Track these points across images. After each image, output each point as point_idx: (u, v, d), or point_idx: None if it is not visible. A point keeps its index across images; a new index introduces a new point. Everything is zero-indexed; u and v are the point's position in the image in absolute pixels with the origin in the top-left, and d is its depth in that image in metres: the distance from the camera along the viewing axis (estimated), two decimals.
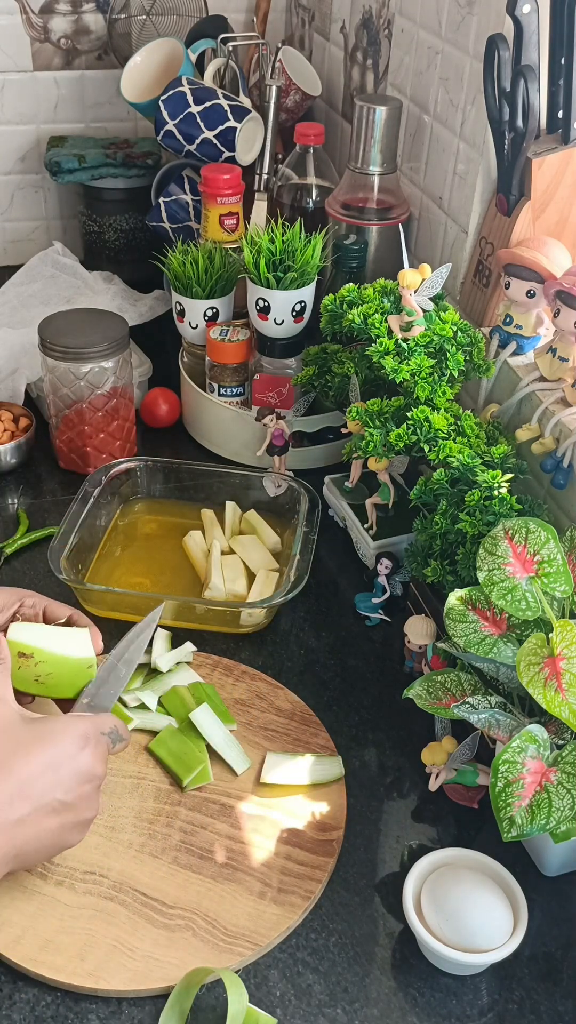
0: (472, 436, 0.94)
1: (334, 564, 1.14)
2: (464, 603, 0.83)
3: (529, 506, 0.92)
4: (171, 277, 1.24)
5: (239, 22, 1.66)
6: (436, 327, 0.98)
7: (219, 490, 1.18)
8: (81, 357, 1.16)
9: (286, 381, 1.20)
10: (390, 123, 1.22)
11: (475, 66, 1.08)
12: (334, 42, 1.53)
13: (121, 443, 1.25)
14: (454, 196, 1.17)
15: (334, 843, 0.84)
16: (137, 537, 1.16)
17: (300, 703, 0.96)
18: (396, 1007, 0.74)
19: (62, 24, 1.61)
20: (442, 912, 0.75)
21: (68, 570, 1.01)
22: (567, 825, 0.71)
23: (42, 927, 0.77)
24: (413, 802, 0.89)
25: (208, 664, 0.99)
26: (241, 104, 1.38)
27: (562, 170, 1.01)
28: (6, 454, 1.23)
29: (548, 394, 0.97)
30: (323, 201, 1.33)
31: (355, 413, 0.99)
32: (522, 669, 0.75)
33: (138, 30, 1.63)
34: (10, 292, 1.51)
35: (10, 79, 1.63)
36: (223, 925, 0.77)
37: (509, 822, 0.71)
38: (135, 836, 0.84)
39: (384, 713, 0.97)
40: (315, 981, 0.75)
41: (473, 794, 0.88)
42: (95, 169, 1.56)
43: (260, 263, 1.14)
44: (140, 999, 0.74)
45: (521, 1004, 0.75)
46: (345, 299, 1.06)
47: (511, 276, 0.99)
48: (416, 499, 0.96)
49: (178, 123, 1.36)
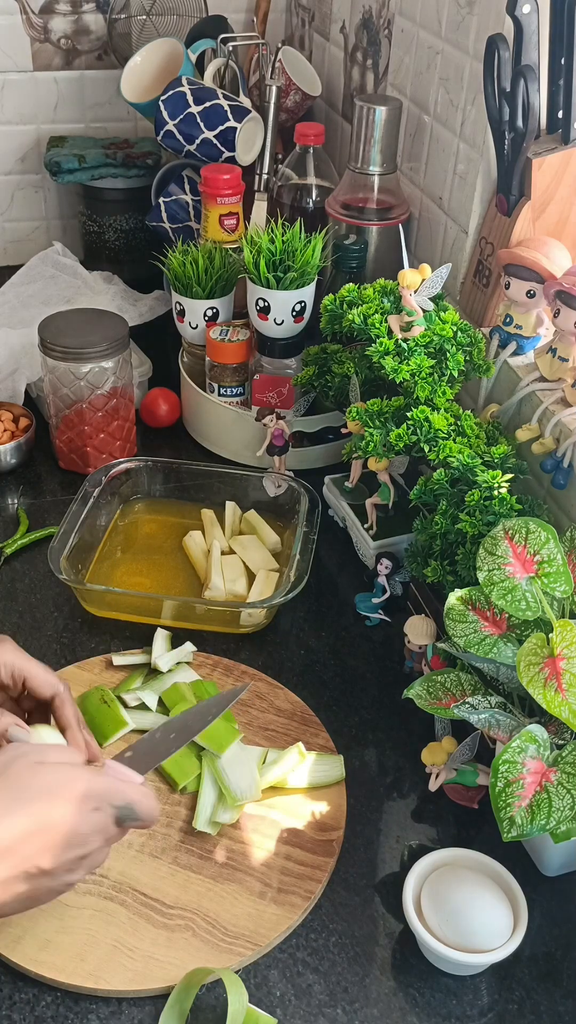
0: (472, 436, 0.94)
1: (334, 564, 1.14)
2: (464, 603, 0.83)
3: (529, 506, 0.92)
4: (171, 277, 1.24)
5: (239, 22, 1.66)
6: (436, 327, 0.98)
7: (219, 490, 1.18)
8: (81, 357, 1.16)
9: (286, 381, 1.20)
10: (390, 123, 1.22)
11: (475, 66, 1.08)
12: (334, 42, 1.53)
13: (121, 443, 1.25)
14: (454, 196, 1.17)
15: (334, 843, 0.84)
16: (137, 537, 1.16)
17: (300, 703, 0.96)
18: (396, 1007, 0.74)
19: (62, 24, 1.61)
20: (442, 912, 0.75)
21: (68, 570, 1.01)
22: (567, 825, 0.71)
23: (42, 927, 0.77)
24: (413, 802, 0.89)
25: (208, 664, 0.99)
26: (241, 104, 1.38)
27: (562, 170, 1.01)
28: (6, 454, 1.23)
29: (548, 394, 0.97)
30: (323, 201, 1.33)
31: (355, 413, 0.99)
32: (522, 669, 0.75)
33: (138, 30, 1.62)
34: (10, 292, 1.51)
35: (10, 79, 1.63)
36: (223, 925, 0.77)
37: (509, 822, 0.71)
38: (135, 836, 0.83)
39: (384, 713, 0.97)
40: (315, 981, 0.75)
41: (473, 794, 0.88)
42: (95, 169, 1.56)
43: (260, 263, 1.14)
44: (140, 999, 0.74)
45: (521, 1004, 0.75)
46: (345, 299, 1.06)
47: (511, 276, 0.99)
48: (416, 499, 0.96)
49: (178, 123, 1.36)
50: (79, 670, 0.98)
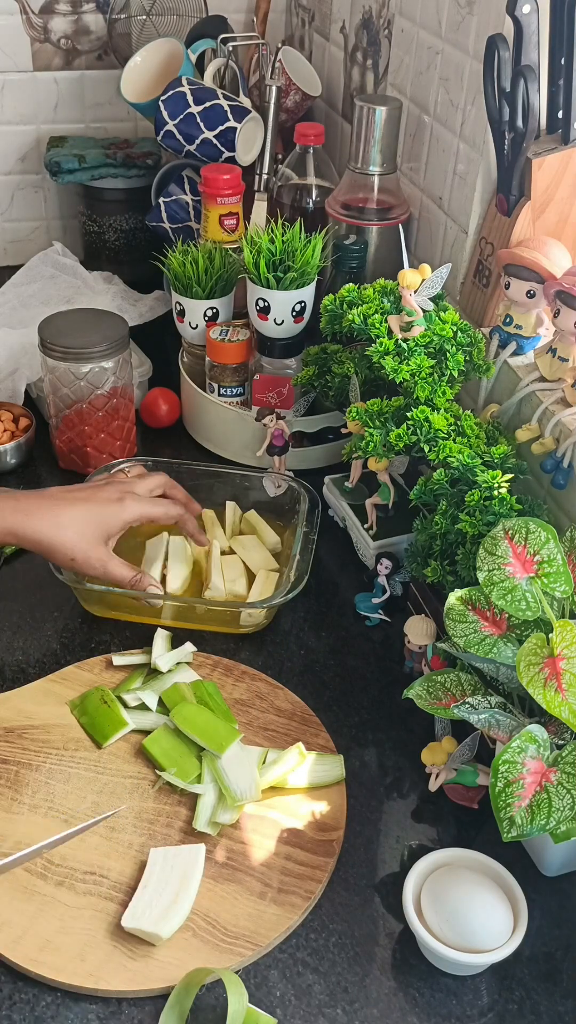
0: (472, 436, 0.94)
1: (334, 564, 1.14)
2: (464, 603, 0.83)
3: (529, 506, 0.92)
4: (171, 277, 1.24)
5: (239, 22, 1.66)
6: (436, 327, 0.98)
7: (219, 490, 1.18)
8: (81, 357, 1.16)
9: (286, 381, 1.20)
10: (390, 123, 1.22)
11: (475, 66, 1.08)
12: (334, 42, 1.53)
13: (121, 443, 1.25)
14: (454, 196, 1.17)
15: (334, 843, 0.84)
16: (137, 537, 1.15)
17: (300, 703, 0.96)
18: (396, 1007, 0.74)
19: (62, 24, 1.61)
20: (442, 912, 0.75)
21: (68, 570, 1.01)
22: (567, 825, 0.71)
23: (42, 927, 0.77)
24: (413, 802, 0.89)
25: (208, 664, 0.99)
26: (241, 104, 1.38)
27: (562, 170, 1.01)
28: (6, 454, 1.23)
29: (548, 394, 0.97)
30: (323, 201, 1.33)
31: (355, 413, 0.99)
32: (522, 669, 0.75)
33: (138, 30, 1.63)
34: (10, 292, 1.51)
35: (10, 79, 1.63)
36: (223, 925, 0.77)
37: (509, 822, 0.71)
38: (135, 836, 0.84)
39: (384, 713, 0.97)
40: (315, 981, 0.75)
41: (473, 794, 0.88)
42: (95, 169, 1.56)
43: (260, 263, 1.14)
44: (140, 999, 0.74)
45: (521, 1004, 0.75)
46: (345, 299, 1.06)
47: (511, 276, 0.99)
48: (416, 499, 0.96)
49: (178, 123, 1.36)
50: (79, 670, 0.98)
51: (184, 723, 0.90)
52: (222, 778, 0.86)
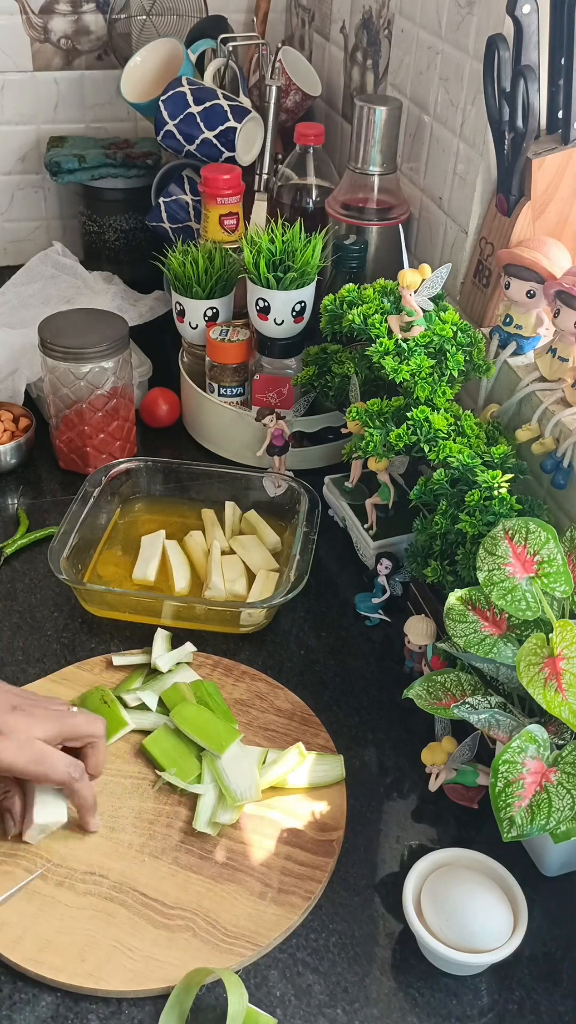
0: (472, 436, 0.94)
1: (334, 564, 1.14)
2: (464, 603, 0.83)
3: (529, 506, 0.92)
4: (171, 277, 1.24)
5: (239, 22, 1.66)
6: (436, 327, 0.98)
7: (219, 490, 1.18)
8: (81, 357, 1.16)
9: (286, 381, 1.20)
10: (390, 123, 1.22)
11: (475, 66, 1.08)
12: (334, 42, 1.53)
13: (121, 443, 1.25)
14: (454, 196, 1.17)
15: (334, 843, 0.84)
16: (137, 537, 1.16)
17: (300, 703, 0.96)
18: (396, 1007, 0.74)
19: (62, 24, 1.61)
20: (442, 912, 0.75)
21: (68, 570, 1.01)
22: (567, 825, 0.71)
23: (42, 927, 0.77)
24: (413, 802, 0.89)
25: (208, 664, 0.99)
26: (241, 104, 1.38)
27: (562, 170, 1.01)
28: (6, 454, 1.23)
29: (548, 394, 0.97)
30: (323, 201, 1.33)
31: (355, 413, 0.99)
32: (522, 669, 0.75)
33: (138, 30, 1.63)
34: (10, 292, 1.51)
35: (10, 79, 1.63)
36: (223, 925, 0.77)
37: (509, 822, 0.71)
38: (135, 836, 0.84)
39: (384, 713, 0.97)
40: (315, 981, 0.75)
41: (473, 794, 0.88)
42: (95, 169, 1.56)
43: (260, 263, 1.14)
44: (140, 999, 0.74)
45: (521, 1004, 0.75)
46: (345, 299, 1.06)
47: (511, 276, 0.99)
48: (416, 499, 0.96)
49: (178, 123, 1.36)
50: (79, 670, 0.98)
51: (184, 723, 0.90)
52: (222, 778, 0.86)
